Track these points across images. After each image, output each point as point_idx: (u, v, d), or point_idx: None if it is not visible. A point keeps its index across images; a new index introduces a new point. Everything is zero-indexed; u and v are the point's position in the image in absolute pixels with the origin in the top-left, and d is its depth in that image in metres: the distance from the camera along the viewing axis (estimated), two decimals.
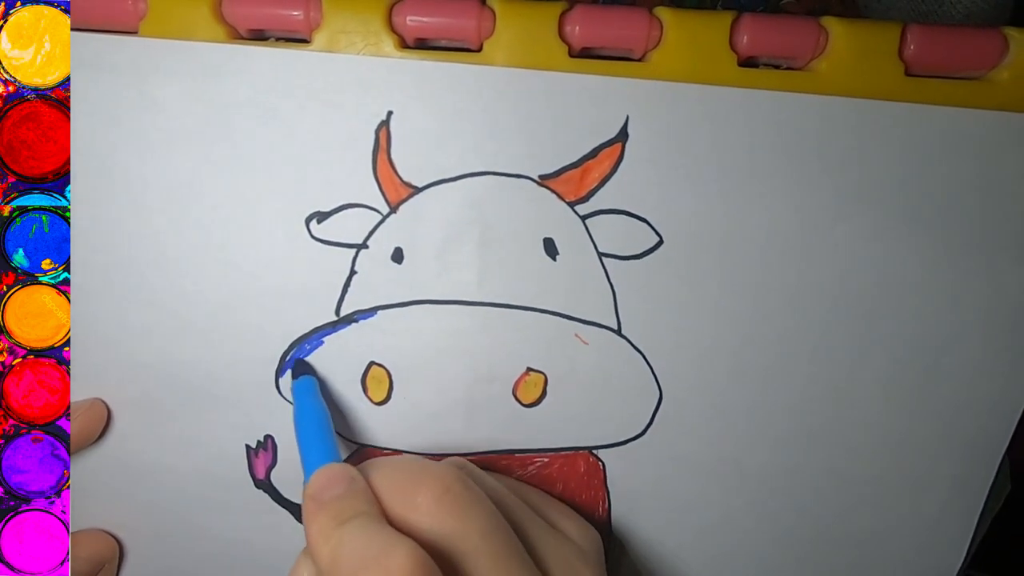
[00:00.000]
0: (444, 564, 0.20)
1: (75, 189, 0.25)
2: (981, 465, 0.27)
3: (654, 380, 0.26)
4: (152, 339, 0.27)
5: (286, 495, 0.28)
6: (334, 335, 0.26)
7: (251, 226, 0.25)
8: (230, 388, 0.27)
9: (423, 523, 0.21)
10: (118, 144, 0.25)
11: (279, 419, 0.27)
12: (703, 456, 0.27)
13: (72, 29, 0.24)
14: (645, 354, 0.26)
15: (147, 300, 0.26)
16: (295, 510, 0.28)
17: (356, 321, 0.26)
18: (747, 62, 0.24)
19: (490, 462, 0.28)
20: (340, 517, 0.20)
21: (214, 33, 0.24)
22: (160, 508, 0.29)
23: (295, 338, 0.26)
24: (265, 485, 0.28)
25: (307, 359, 0.27)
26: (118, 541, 0.29)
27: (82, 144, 0.25)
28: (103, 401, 0.27)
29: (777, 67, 0.24)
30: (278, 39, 0.25)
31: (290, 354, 0.26)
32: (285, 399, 0.27)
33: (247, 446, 0.28)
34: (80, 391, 0.27)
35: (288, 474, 0.28)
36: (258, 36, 0.25)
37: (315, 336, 0.26)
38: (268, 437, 0.28)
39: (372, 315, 0.26)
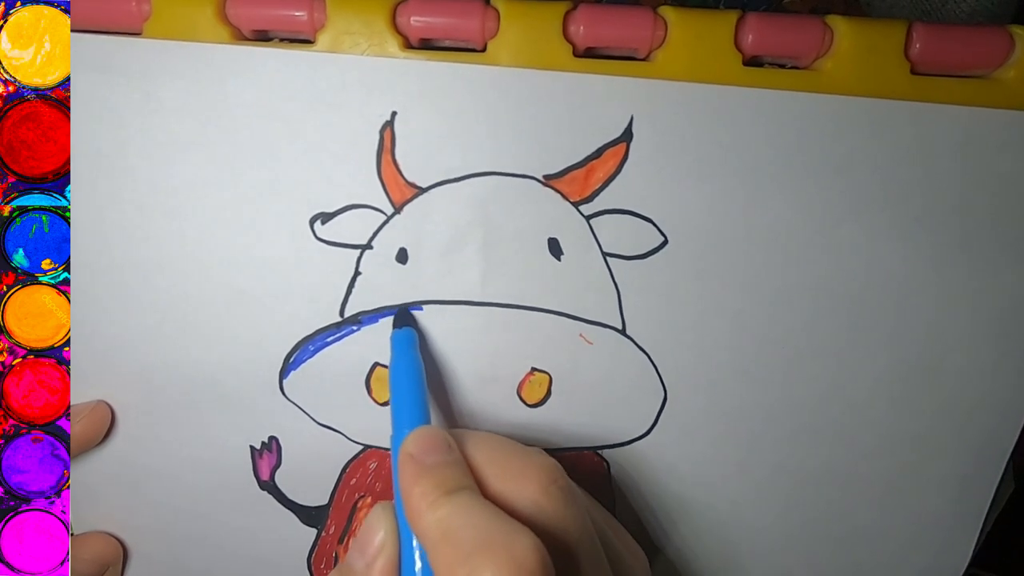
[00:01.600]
0: None
1: (75, 189, 0.25)
2: (987, 465, 0.27)
3: (659, 380, 0.26)
4: (153, 340, 0.27)
5: (290, 496, 0.28)
6: (338, 336, 0.26)
7: (255, 227, 0.25)
8: (233, 389, 0.27)
9: (526, 511, 0.20)
10: (121, 145, 0.25)
11: (283, 420, 0.27)
12: (708, 455, 0.27)
13: (75, 30, 0.24)
14: (650, 354, 0.26)
15: (148, 300, 0.26)
16: (299, 511, 0.28)
17: (360, 322, 0.26)
18: (752, 61, 0.24)
19: None
20: (445, 486, 0.19)
21: (218, 34, 0.24)
22: (163, 510, 0.29)
23: (299, 339, 0.26)
24: (269, 486, 0.28)
25: (309, 360, 0.26)
26: (122, 543, 0.29)
27: (83, 144, 0.25)
28: (107, 403, 0.27)
29: (782, 66, 0.24)
30: (282, 40, 0.25)
31: (293, 355, 0.26)
32: (289, 400, 0.27)
33: (251, 447, 0.28)
34: (80, 392, 0.27)
35: (292, 475, 0.28)
36: (262, 37, 0.25)
37: (319, 337, 0.26)
38: (272, 438, 0.27)
39: (376, 316, 0.26)
